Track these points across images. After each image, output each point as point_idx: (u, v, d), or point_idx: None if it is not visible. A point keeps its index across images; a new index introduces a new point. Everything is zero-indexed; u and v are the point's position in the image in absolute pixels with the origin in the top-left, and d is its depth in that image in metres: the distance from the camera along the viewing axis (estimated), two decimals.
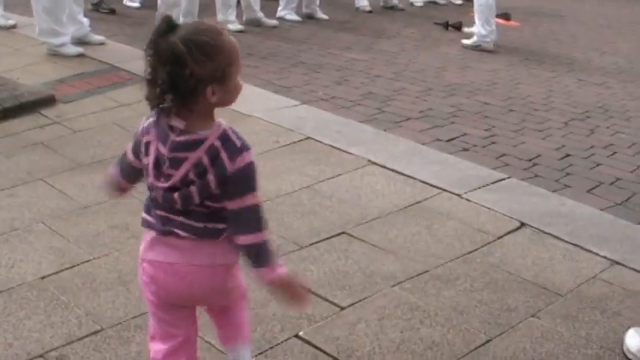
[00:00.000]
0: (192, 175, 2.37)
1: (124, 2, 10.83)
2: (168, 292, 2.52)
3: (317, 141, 5.60)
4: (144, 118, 2.47)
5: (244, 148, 2.38)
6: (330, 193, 4.79)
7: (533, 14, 13.01)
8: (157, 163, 2.42)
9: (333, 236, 4.27)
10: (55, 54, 7.64)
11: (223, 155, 2.35)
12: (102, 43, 8.21)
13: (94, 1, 10.15)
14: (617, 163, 5.98)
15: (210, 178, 2.36)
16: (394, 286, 3.79)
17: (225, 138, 2.37)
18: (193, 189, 2.38)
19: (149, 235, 2.53)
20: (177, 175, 2.37)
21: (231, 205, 2.41)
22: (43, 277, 3.77)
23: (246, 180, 2.40)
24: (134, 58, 7.63)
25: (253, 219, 2.43)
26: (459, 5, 13.16)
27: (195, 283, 2.49)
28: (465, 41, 9.89)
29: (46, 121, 6.05)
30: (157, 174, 2.42)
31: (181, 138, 2.36)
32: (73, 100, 6.52)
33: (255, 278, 2.45)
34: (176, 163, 2.38)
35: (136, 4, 10.77)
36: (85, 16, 8.28)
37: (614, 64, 9.65)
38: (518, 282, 3.91)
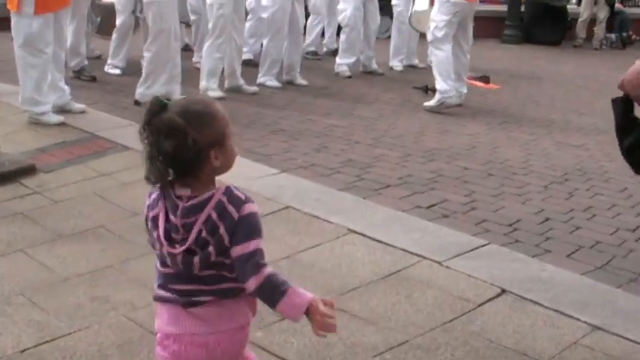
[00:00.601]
0: (204, 234, 2.46)
1: (106, 69, 10.85)
2: None
3: (296, 210, 5.62)
4: (146, 197, 2.62)
5: (248, 200, 2.51)
6: (311, 263, 4.79)
7: (512, 77, 13.12)
8: (168, 233, 2.52)
9: None
10: (36, 122, 7.65)
11: (230, 207, 2.46)
12: (83, 112, 8.23)
13: (75, 68, 10.17)
14: (596, 226, 6.01)
15: (222, 230, 2.45)
16: (375, 356, 3.79)
17: (229, 193, 2.49)
18: (210, 247, 2.47)
19: (166, 309, 2.60)
20: (192, 235, 2.46)
21: (236, 252, 2.49)
22: (22, 351, 3.76)
23: (251, 226, 2.49)
24: (115, 127, 7.68)
25: (254, 261, 2.48)
26: None
27: (218, 350, 2.55)
28: (427, 103, 9.83)
29: (26, 191, 6.04)
30: (170, 243, 2.52)
31: (190, 203, 2.48)
32: (54, 169, 6.53)
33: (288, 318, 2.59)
34: (189, 227, 2.48)
35: (118, 72, 10.80)
36: (66, 83, 8.30)
37: (591, 126, 9.72)
38: (500, 350, 3.91)
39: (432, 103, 9.76)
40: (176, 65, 9.03)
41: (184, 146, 2.38)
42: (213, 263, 2.50)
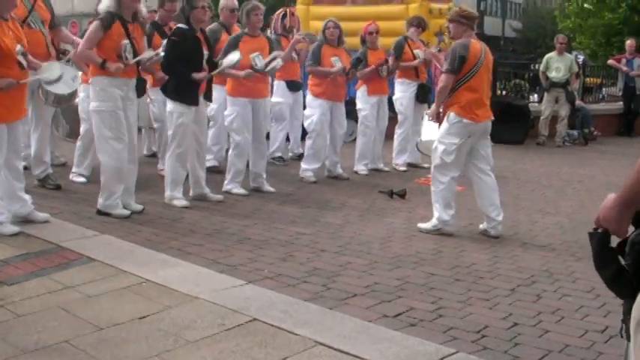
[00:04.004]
0: None
1: (70, 177, 10.87)
2: None
3: (263, 322, 5.57)
4: None
5: None
6: None
7: None
8: None
9: None
10: None
11: None
12: (46, 221, 8.21)
13: (39, 176, 10.18)
14: (565, 328, 5.98)
15: None
16: None
17: None
18: None
19: None
20: None
21: None
22: None
23: None
24: (79, 237, 7.68)
25: None
26: (404, 172, 13.31)
27: None
28: (422, 225, 9.13)
29: None
30: None
31: None
32: (17, 282, 6.45)
33: None
34: None
35: (83, 180, 10.81)
36: (29, 192, 8.30)
37: (556, 224, 9.77)
38: None
39: (427, 226, 9.07)
40: (130, 175, 9.06)
41: None
42: None
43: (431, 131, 9.93)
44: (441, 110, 9.11)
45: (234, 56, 10.07)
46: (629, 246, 2.92)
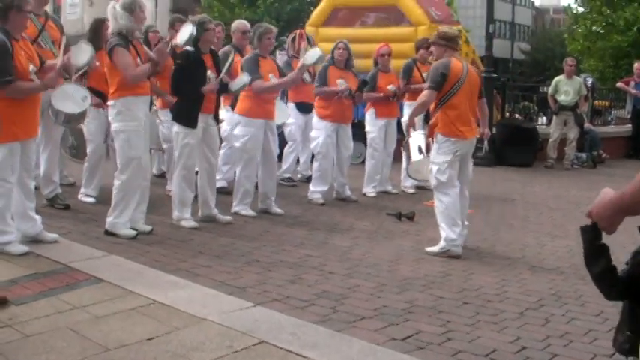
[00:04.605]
0: None
1: (79, 197, 10.89)
2: None
3: (271, 344, 5.57)
4: None
5: None
6: None
7: (485, 199, 13.15)
8: None
9: None
10: (1, 252, 7.64)
11: None
12: (55, 241, 8.24)
13: (48, 196, 10.21)
14: (573, 352, 5.96)
15: None
16: None
17: None
18: None
19: None
20: None
21: None
22: None
23: None
24: (88, 257, 7.68)
25: None
26: (412, 194, 13.32)
27: None
28: (430, 249, 9.13)
29: None
30: None
31: None
32: (26, 301, 6.45)
33: None
34: None
35: (91, 200, 10.84)
36: (38, 212, 8.32)
37: (565, 247, 9.74)
38: None
39: (435, 249, 9.07)
40: (144, 194, 9.11)
41: None
42: None
43: (416, 153, 10.05)
44: (425, 133, 9.58)
45: (244, 78, 10.17)
46: (633, 254, 2.96)
